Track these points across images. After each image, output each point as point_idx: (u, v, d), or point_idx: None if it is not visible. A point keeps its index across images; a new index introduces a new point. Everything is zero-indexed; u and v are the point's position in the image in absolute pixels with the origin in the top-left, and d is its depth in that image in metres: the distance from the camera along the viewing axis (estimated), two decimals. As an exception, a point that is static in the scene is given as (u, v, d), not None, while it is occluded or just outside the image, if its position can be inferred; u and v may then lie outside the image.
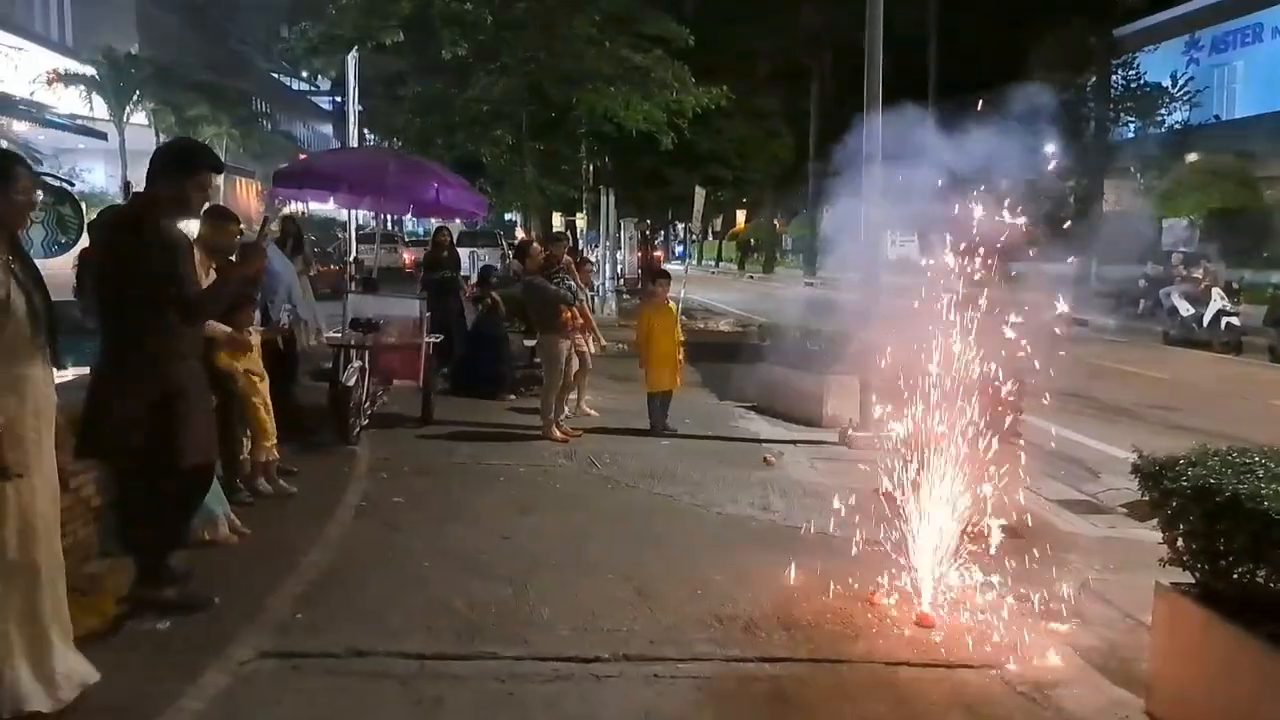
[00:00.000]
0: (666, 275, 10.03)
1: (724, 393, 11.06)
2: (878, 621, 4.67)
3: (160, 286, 4.09)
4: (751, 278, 45.09)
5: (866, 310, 8.57)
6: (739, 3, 28.83)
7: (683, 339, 9.56)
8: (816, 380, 9.65)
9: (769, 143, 30.63)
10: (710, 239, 60.68)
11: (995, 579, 5.05)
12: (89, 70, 23.93)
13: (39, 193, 4.06)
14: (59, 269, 8.02)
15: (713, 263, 57.05)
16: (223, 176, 25.65)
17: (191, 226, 5.31)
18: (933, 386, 5.07)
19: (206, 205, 5.15)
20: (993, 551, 5.06)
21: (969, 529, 5.06)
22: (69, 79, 23.35)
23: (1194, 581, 3.69)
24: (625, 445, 8.57)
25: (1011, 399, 5.38)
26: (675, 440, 8.77)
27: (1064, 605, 4.86)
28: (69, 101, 23.90)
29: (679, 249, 52.05)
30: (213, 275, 5.21)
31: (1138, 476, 3.88)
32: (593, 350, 9.84)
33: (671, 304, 9.59)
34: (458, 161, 17.41)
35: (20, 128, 21.30)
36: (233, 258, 5.33)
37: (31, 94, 22.36)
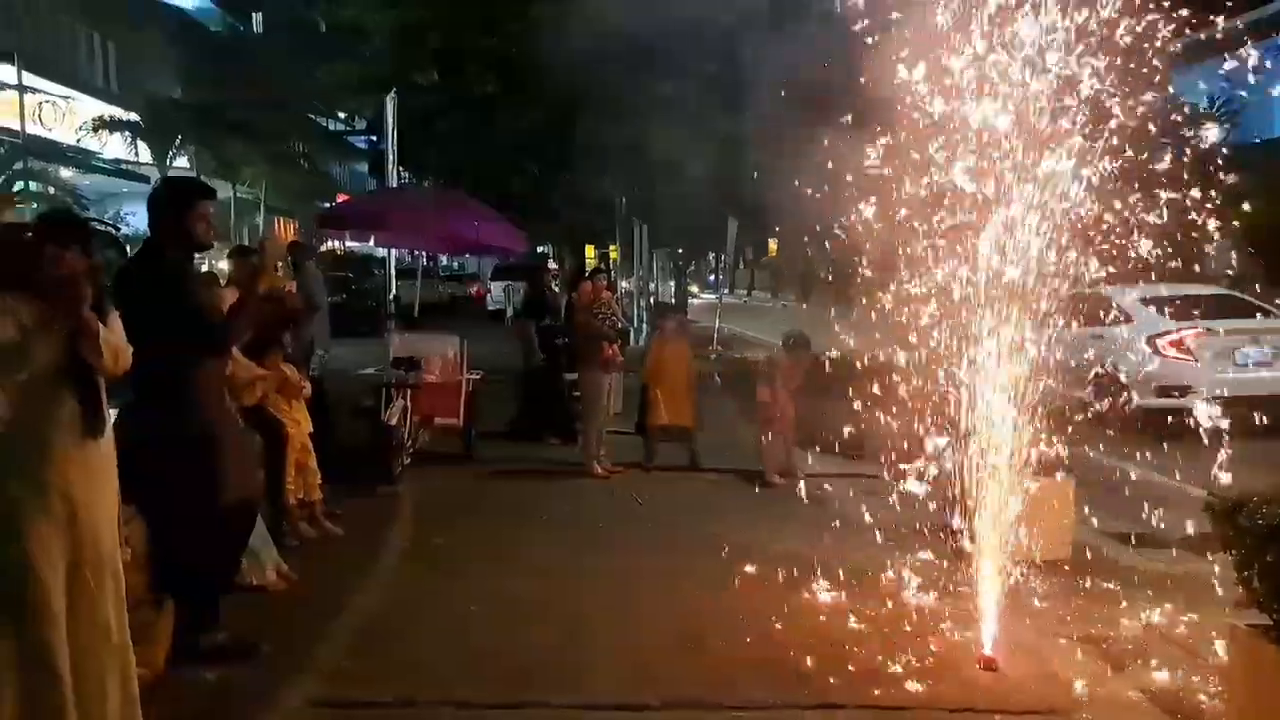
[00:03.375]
0: (672, 308, 10.27)
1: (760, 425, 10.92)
2: (938, 664, 4.54)
3: (179, 321, 4.11)
4: (785, 305, 44.94)
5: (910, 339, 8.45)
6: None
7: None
8: (858, 411, 9.49)
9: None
10: (742, 267, 60.62)
11: (1058, 617, 4.91)
12: (133, 116, 24.46)
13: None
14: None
15: (745, 291, 56.91)
16: (262, 214, 25.86)
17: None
18: (977, 417, 4.95)
19: (233, 246, 5.22)
20: (1053, 587, 4.93)
21: (1028, 563, 4.94)
22: (114, 125, 23.89)
23: (1271, 623, 3.55)
24: (666, 481, 8.49)
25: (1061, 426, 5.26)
26: (717, 475, 8.67)
27: (1129, 645, 4.71)
28: (114, 147, 24.44)
29: (712, 278, 52.03)
30: None
31: (1209, 515, 3.75)
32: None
33: (683, 338, 9.58)
34: (486, 196, 17.52)
35: (67, 174, 21.79)
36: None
37: (78, 140, 22.89)
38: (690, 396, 9.16)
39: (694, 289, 37.04)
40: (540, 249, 43.86)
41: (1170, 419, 7.68)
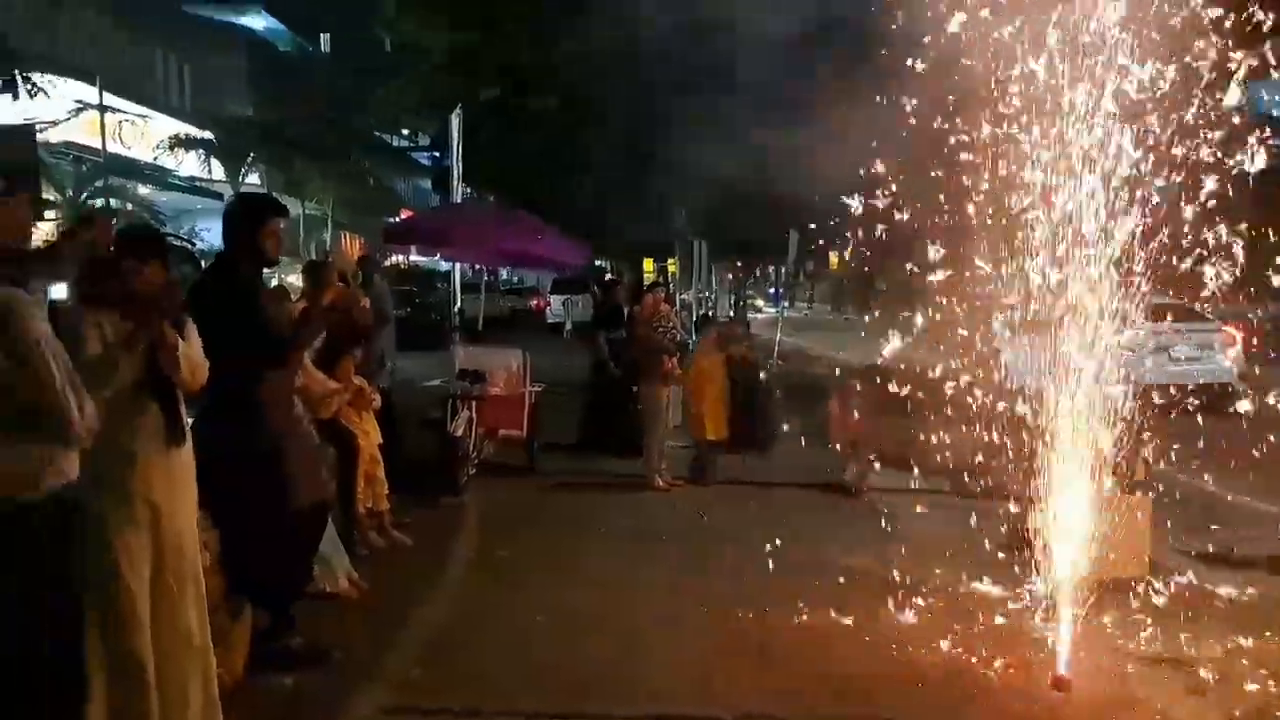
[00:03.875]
0: (713, 320, 10.29)
1: (828, 438, 10.85)
2: (1009, 684, 4.46)
3: (248, 334, 4.22)
4: (847, 319, 44.54)
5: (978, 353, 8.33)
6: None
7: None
8: (926, 426, 9.38)
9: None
10: (802, 280, 60.23)
11: (1133, 637, 4.79)
12: (207, 135, 25.17)
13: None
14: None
15: (805, 305, 56.59)
16: (330, 229, 26.37)
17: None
18: (1052, 432, 4.87)
19: (305, 261, 5.34)
20: (1129, 607, 4.81)
21: (1102, 582, 4.83)
22: (189, 143, 24.61)
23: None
24: (730, 494, 8.47)
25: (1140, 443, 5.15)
26: (783, 489, 8.62)
27: (1208, 667, 4.57)
28: (189, 165, 25.17)
29: (772, 291, 51.81)
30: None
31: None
32: None
33: (720, 352, 9.56)
34: (548, 211, 17.72)
35: (144, 190, 22.48)
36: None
37: (155, 158, 23.61)
38: (724, 410, 9.21)
39: (759, 303, 36.74)
40: (598, 263, 44.15)
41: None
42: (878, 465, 9.38)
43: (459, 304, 14.51)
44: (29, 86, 8.57)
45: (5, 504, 2.47)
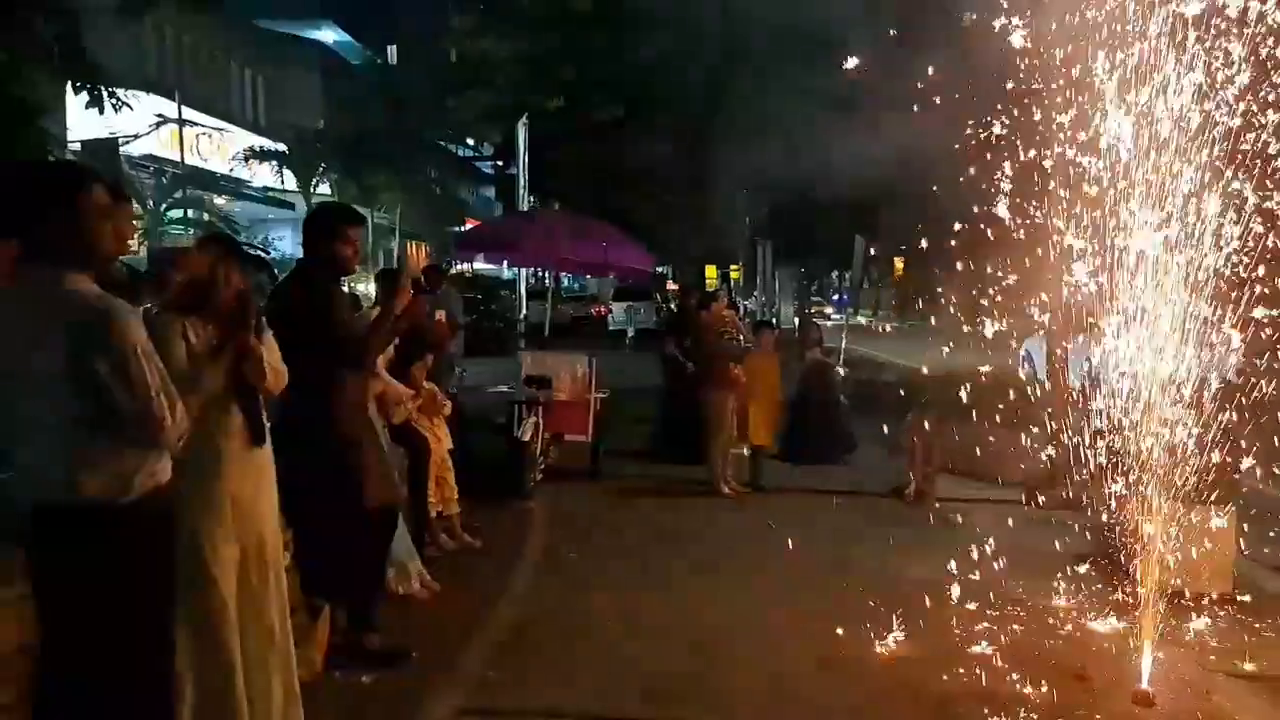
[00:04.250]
0: (770, 326, 10.41)
1: (894, 448, 10.73)
2: (1090, 699, 4.36)
3: (323, 339, 4.32)
4: (910, 326, 43.95)
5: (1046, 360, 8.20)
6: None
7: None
8: (996, 435, 9.23)
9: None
10: (867, 286, 59.59)
11: (1218, 652, 4.66)
12: (280, 146, 25.87)
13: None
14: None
15: (870, 312, 55.95)
16: (397, 238, 26.83)
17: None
18: (1130, 443, 4.76)
19: (380, 269, 5.44)
20: (1214, 621, 4.68)
21: (1186, 595, 4.71)
22: (263, 155, 25.31)
23: None
24: (796, 502, 8.42)
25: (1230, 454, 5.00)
26: (848, 497, 8.55)
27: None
28: (262, 176, 25.87)
29: (835, 297, 51.36)
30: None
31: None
32: None
33: (774, 355, 9.53)
34: (612, 219, 17.83)
35: (220, 200, 23.15)
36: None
37: (231, 170, 24.32)
38: (774, 415, 9.21)
39: (828, 311, 36.39)
40: (659, 269, 44.24)
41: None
42: (944, 474, 9.27)
43: (524, 311, 14.68)
44: (114, 101, 8.87)
45: (102, 507, 2.55)
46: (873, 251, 17.38)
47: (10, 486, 2.61)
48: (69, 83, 8.50)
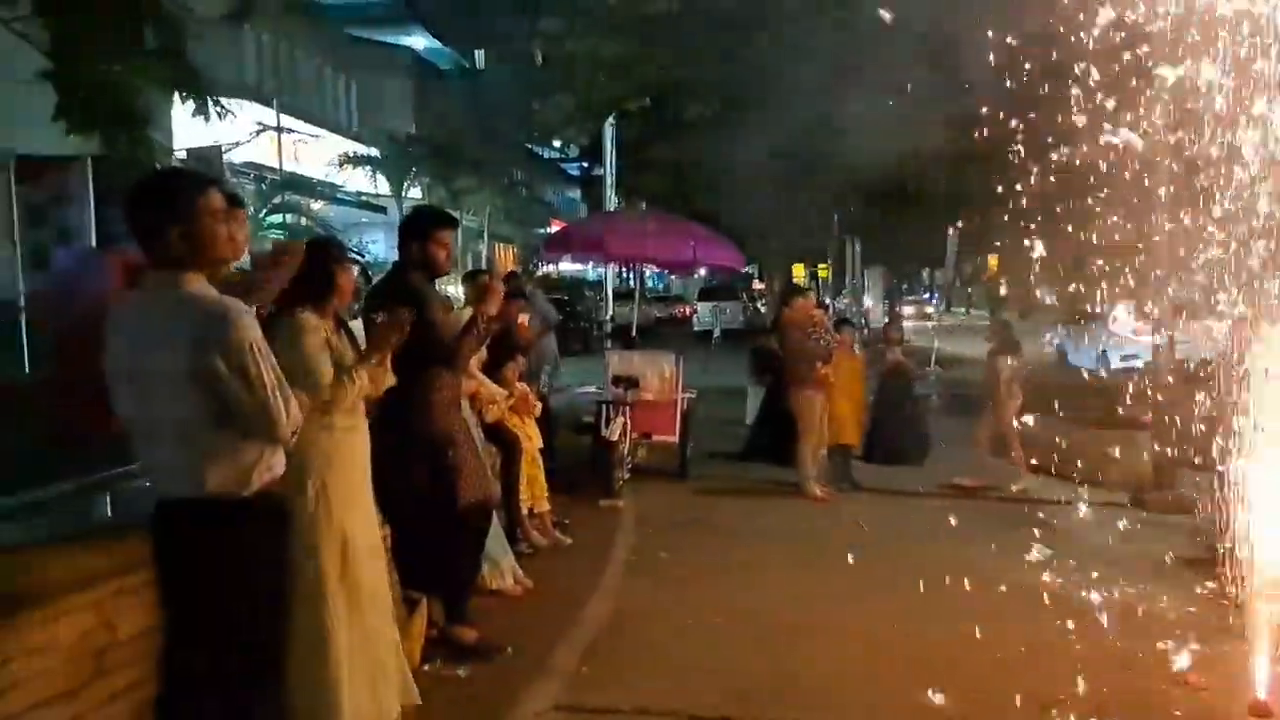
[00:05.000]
0: (851, 324, 10.67)
1: (996, 449, 10.46)
2: (1202, 708, 4.19)
3: (421, 338, 4.40)
4: (1006, 323, 42.80)
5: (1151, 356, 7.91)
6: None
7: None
8: (1098, 434, 8.95)
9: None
10: (959, 285, 58.32)
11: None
12: (373, 151, 26.47)
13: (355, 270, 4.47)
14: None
15: (963, 309, 54.75)
16: (485, 240, 27.20)
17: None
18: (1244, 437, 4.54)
19: (467, 270, 5.55)
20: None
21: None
22: (356, 160, 25.93)
23: None
24: (888, 505, 8.29)
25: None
26: (944, 499, 8.38)
27: None
28: (356, 180, 26.51)
29: (926, 295, 50.39)
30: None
31: None
32: None
33: (857, 353, 9.52)
34: (699, 218, 17.80)
35: (317, 205, 23.80)
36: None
37: (326, 176, 24.98)
38: (859, 415, 9.21)
39: (930, 310, 35.61)
40: (744, 269, 43.98)
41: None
42: (1043, 475, 9.01)
43: (610, 311, 14.75)
44: (218, 109, 9.19)
45: (222, 500, 2.66)
46: (959, 249, 17.04)
47: (139, 480, 2.74)
48: (175, 92, 8.81)
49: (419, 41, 35.55)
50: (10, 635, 2.81)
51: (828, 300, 24.98)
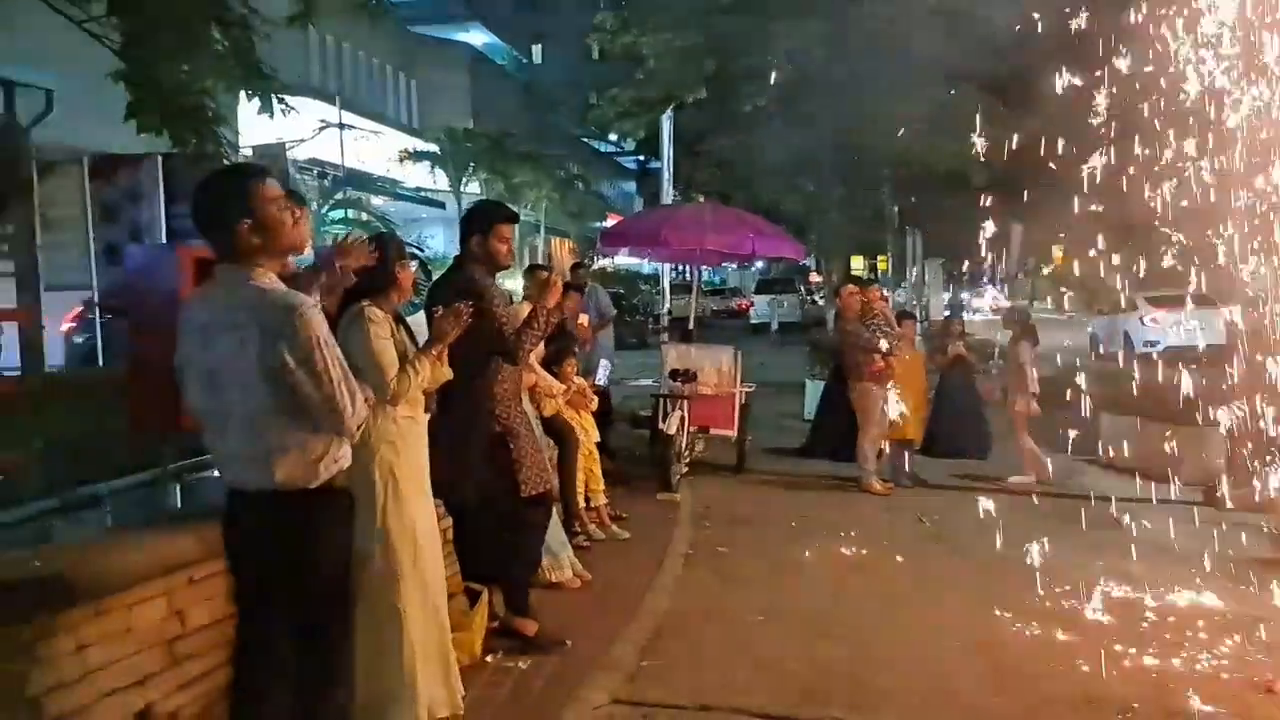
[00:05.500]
0: (912, 316, 10.63)
1: (1058, 443, 10.24)
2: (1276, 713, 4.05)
3: (483, 332, 4.42)
4: (1071, 317, 41.91)
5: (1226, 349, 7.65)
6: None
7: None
8: (1170, 431, 8.68)
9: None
10: (1022, 276, 57.25)
11: None
12: (432, 147, 26.73)
13: (414, 265, 4.50)
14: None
15: (1027, 302, 53.68)
16: (542, 234, 27.39)
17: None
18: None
19: (527, 265, 5.56)
20: None
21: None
22: (416, 156, 26.21)
23: None
24: (951, 500, 8.15)
25: None
26: (1007, 496, 8.21)
27: None
28: (415, 176, 26.81)
29: (987, 285, 49.55)
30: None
31: None
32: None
33: (918, 346, 9.51)
34: (756, 211, 17.71)
35: (378, 201, 24.13)
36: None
37: (387, 171, 25.30)
38: (920, 409, 9.16)
39: (999, 301, 35.03)
40: (803, 260, 43.62)
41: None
42: (1114, 472, 8.79)
43: (668, 305, 14.71)
44: (283, 107, 9.33)
45: (291, 492, 2.69)
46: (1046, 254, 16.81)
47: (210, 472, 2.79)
48: (242, 90, 8.96)
49: (478, 38, 35.84)
50: (86, 623, 2.87)
51: (885, 292, 24.70)
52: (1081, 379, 8.12)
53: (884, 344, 8.61)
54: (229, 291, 2.68)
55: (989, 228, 17.06)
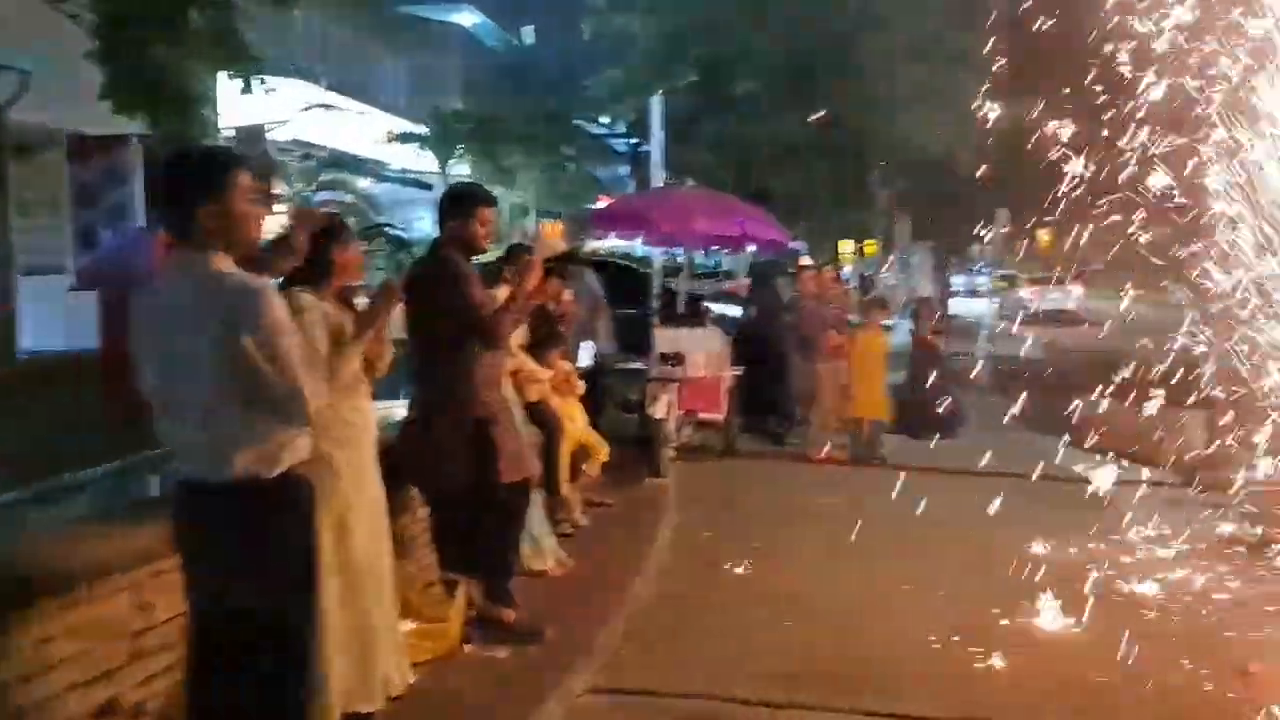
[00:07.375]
0: (883, 302, 10.89)
1: (1044, 427, 10.24)
2: (1256, 700, 4.03)
3: (459, 316, 4.35)
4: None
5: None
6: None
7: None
8: (1151, 412, 8.64)
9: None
10: (1006, 259, 57.22)
11: None
12: (421, 129, 26.45)
13: (364, 246, 4.42)
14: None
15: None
16: (533, 216, 27.21)
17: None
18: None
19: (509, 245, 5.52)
20: None
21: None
22: (404, 137, 25.93)
23: None
24: (937, 482, 8.13)
25: None
26: (992, 478, 8.18)
27: None
28: (403, 158, 26.54)
29: (975, 269, 49.51)
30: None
31: None
32: None
33: (883, 331, 9.76)
34: (747, 195, 17.63)
35: (363, 183, 23.90)
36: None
37: (373, 153, 25.05)
38: (880, 387, 9.43)
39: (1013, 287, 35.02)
40: (791, 245, 43.41)
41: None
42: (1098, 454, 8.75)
43: (658, 288, 14.55)
44: (265, 88, 9.21)
45: (248, 482, 2.62)
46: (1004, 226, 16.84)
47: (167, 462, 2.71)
48: (222, 70, 8.85)
49: (467, 18, 35.49)
50: (50, 616, 2.81)
51: (844, 273, 24.73)
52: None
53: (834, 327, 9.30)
54: (187, 276, 2.60)
55: (977, 212, 17.05)
